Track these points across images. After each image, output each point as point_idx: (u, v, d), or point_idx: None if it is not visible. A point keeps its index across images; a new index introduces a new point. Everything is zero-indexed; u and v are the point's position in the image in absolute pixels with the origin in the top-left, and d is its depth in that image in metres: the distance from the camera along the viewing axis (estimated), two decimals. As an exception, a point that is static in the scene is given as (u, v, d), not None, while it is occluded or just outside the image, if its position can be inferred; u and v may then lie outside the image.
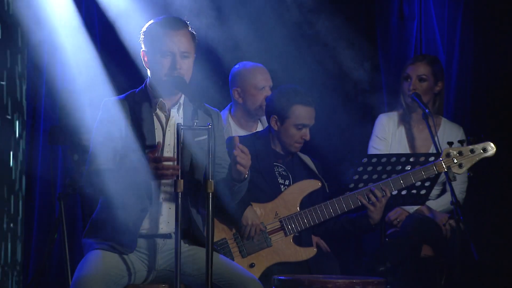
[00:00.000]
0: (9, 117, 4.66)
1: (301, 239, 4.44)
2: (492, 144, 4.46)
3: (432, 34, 5.77)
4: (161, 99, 3.65)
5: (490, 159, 5.34)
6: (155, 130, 3.64)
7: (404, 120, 5.04)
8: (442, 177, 4.78)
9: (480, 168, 5.23)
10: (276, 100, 4.51)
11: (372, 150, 5.03)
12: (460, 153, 4.42)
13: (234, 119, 5.16)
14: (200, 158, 3.66)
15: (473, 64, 5.64)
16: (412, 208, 4.93)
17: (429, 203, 4.92)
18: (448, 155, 4.42)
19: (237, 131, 5.07)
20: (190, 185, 3.62)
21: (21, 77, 4.81)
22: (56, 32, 5.70)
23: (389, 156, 4.49)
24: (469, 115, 5.58)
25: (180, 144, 3.39)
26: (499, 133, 5.27)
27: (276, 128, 4.50)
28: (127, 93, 3.73)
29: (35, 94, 5.75)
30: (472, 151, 4.44)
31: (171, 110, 3.67)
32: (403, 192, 4.51)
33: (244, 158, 3.57)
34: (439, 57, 5.57)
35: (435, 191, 4.96)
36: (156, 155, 3.47)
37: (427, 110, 4.71)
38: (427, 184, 4.54)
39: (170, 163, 3.43)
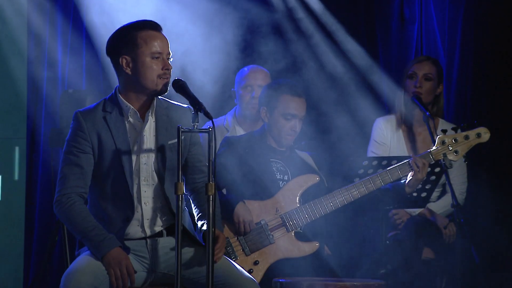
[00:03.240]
0: None
1: (315, 230, 4.45)
2: (485, 129, 4.45)
3: (433, 37, 5.77)
4: (132, 107, 3.56)
5: (491, 163, 5.37)
6: (129, 139, 3.56)
7: (402, 123, 5.03)
8: (442, 179, 4.77)
9: (480, 169, 5.26)
10: (266, 92, 4.54)
11: (371, 155, 5.02)
12: (455, 140, 4.42)
13: (240, 120, 5.14)
14: (173, 160, 3.58)
15: (473, 67, 5.64)
16: (414, 211, 4.93)
17: (430, 205, 4.92)
18: (443, 142, 4.42)
19: (241, 133, 5.05)
20: (171, 187, 3.58)
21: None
22: (56, 35, 5.72)
23: (389, 158, 4.49)
24: (470, 118, 5.58)
25: (180, 147, 3.37)
26: (500, 137, 5.26)
27: (266, 120, 4.50)
28: (98, 102, 3.63)
29: (35, 96, 5.75)
30: (466, 137, 4.44)
31: (146, 114, 3.58)
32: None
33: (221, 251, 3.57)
34: (440, 60, 5.57)
35: (435, 193, 4.96)
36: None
37: (427, 113, 4.71)
38: (427, 187, 4.53)
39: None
